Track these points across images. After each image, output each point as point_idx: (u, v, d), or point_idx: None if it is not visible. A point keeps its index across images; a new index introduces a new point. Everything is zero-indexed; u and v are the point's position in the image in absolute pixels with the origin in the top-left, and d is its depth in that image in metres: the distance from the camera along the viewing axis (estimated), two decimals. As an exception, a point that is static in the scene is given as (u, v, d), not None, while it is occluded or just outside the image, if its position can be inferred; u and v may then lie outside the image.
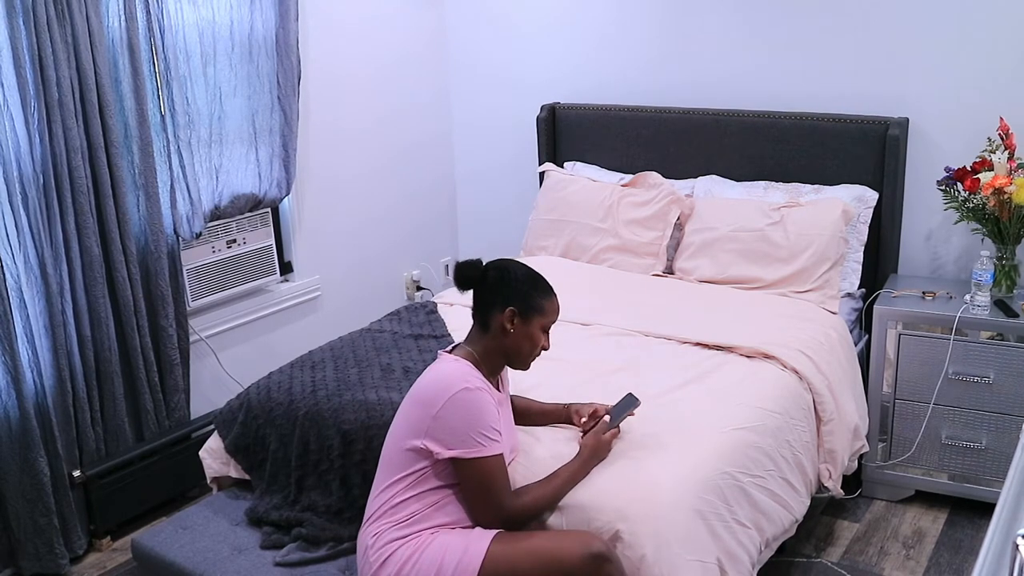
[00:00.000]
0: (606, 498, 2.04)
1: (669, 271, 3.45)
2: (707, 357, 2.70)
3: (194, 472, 2.88)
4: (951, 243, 3.33)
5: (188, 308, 3.26)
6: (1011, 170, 2.92)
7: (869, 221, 3.27)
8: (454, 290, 3.52)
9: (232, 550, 2.38)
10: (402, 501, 1.99)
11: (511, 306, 2.03)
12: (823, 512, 3.02)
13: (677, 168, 3.62)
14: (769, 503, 2.30)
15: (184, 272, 3.23)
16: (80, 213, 2.83)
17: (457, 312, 3.16)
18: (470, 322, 2.15)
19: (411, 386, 2.61)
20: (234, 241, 3.45)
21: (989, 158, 2.97)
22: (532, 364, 2.12)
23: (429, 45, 4.25)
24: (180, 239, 3.19)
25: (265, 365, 3.12)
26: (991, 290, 2.96)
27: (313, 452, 2.47)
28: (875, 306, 3.09)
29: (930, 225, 3.35)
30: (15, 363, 2.69)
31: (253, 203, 3.44)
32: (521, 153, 4.19)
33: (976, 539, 2.88)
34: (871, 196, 3.27)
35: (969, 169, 3.00)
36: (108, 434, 3.04)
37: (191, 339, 3.30)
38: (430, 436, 1.95)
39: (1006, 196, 2.88)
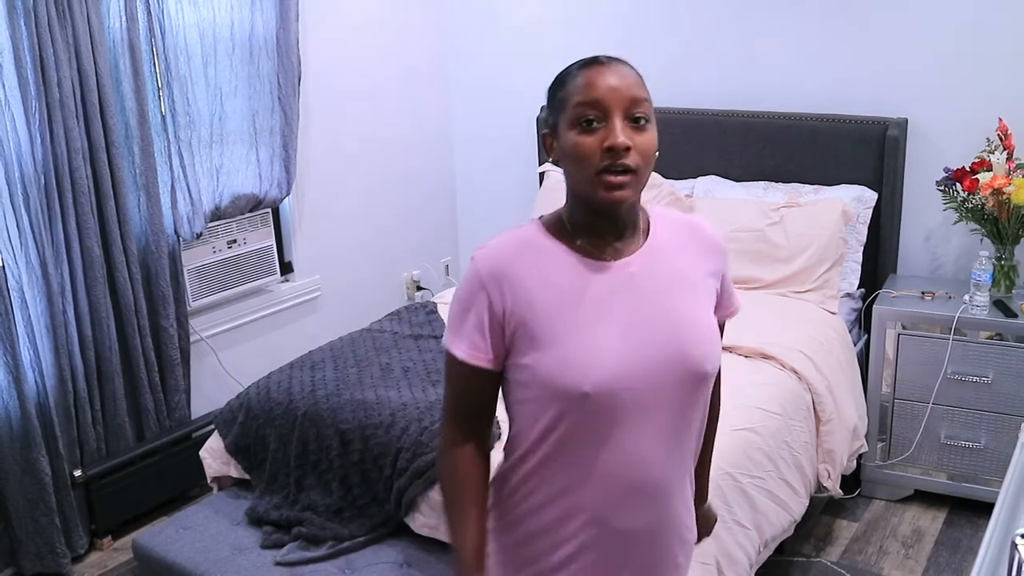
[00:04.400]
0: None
1: (669, 271, 3.45)
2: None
3: (195, 472, 2.88)
4: (950, 243, 3.33)
5: (189, 308, 3.26)
6: (1010, 171, 2.93)
7: (868, 221, 3.27)
8: (454, 290, 3.52)
9: (232, 550, 2.39)
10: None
11: (544, 131, 1.42)
12: (822, 512, 3.03)
13: (677, 168, 3.63)
14: (768, 504, 2.30)
15: (185, 272, 3.23)
16: (81, 213, 2.83)
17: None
18: None
19: (410, 385, 2.64)
20: (234, 241, 3.45)
21: (988, 159, 2.98)
22: (614, 179, 1.29)
23: (429, 45, 4.26)
24: (181, 239, 3.19)
25: (265, 365, 3.12)
26: (990, 290, 2.96)
27: (312, 452, 2.48)
28: (874, 306, 3.09)
29: (929, 225, 3.35)
30: (16, 363, 2.70)
31: (253, 203, 3.44)
32: (521, 153, 4.19)
33: (975, 538, 2.89)
34: (870, 196, 3.27)
35: (968, 169, 3.01)
36: (109, 434, 3.04)
37: (192, 339, 3.30)
38: None
39: (1005, 196, 2.89)
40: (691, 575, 1.98)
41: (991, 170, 2.95)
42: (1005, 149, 2.97)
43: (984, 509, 2.94)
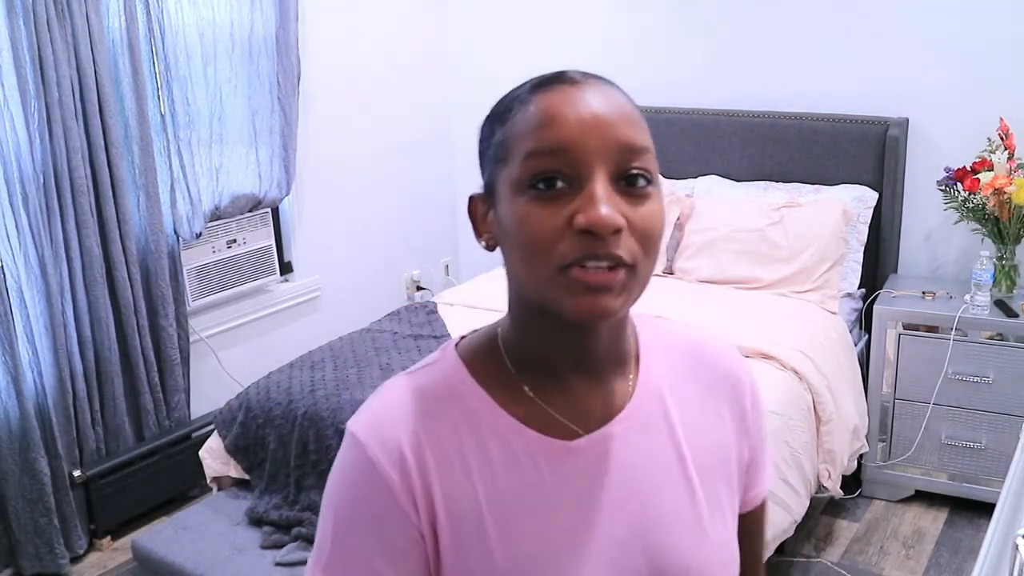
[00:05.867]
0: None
1: (669, 271, 3.45)
2: (707, 357, 2.70)
3: (194, 472, 2.88)
4: (951, 243, 3.33)
5: (188, 308, 3.26)
6: (1011, 170, 2.93)
7: (869, 221, 3.27)
8: (454, 290, 3.53)
9: (232, 550, 2.38)
10: None
11: (473, 195, 0.88)
12: (823, 512, 3.02)
13: (677, 168, 3.62)
14: (769, 504, 2.30)
15: (184, 272, 3.23)
16: (80, 213, 2.83)
17: (457, 312, 3.16)
18: (469, 322, 1.59)
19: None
20: (234, 241, 3.45)
21: (989, 158, 2.98)
22: (594, 278, 0.76)
23: (429, 45, 4.25)
24: (180, 239, 3.19)
25: (265, 365, 3.12)
26: (991, 290, 2.96)
27: (312, 452, 2.48)
28: (875, 306, 3.09)
29: (930, 225, 3.35)
30: (15, 363, 2.70)
31: (253, 203, 3.44)
32: (521, 153, 4.19)
33: (976, 539, 2.88)
34: (871, 196, 3.27)
35: (969, 169, 3.00)
36: (108, 434, 3.04)
37: (191, 339, 3.30)
38: None
39: (1006, 196, 2.88)
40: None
41: (992, 170, 2.94)
42: (1006, 149, 2.96)
43: (985, 509, 2.94)
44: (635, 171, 0.78)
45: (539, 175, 0.77)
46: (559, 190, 0.77)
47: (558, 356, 0.84)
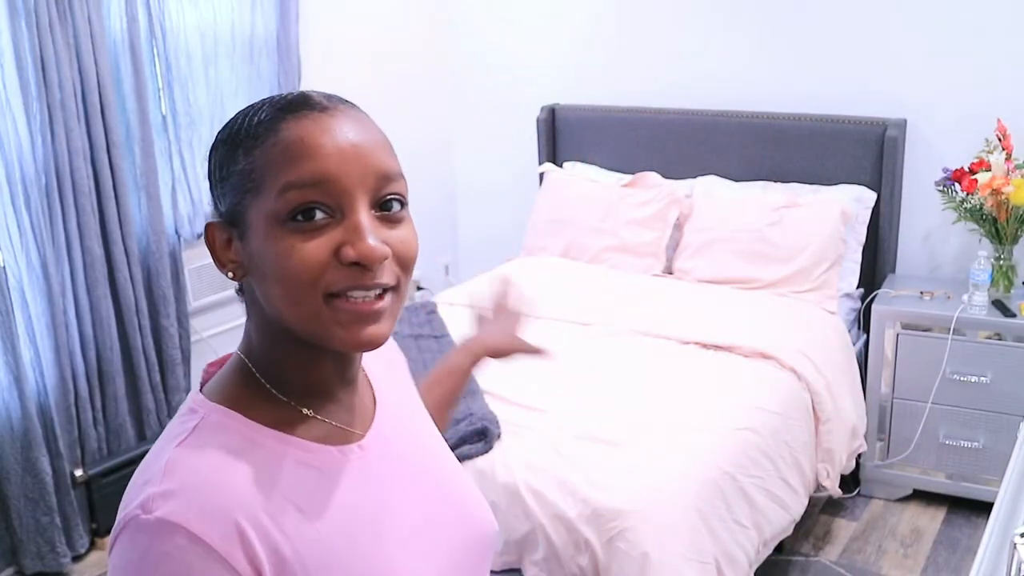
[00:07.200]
0: (609, 496, 2.05)
1: (669, 271, 3.45)
2: (706, 357, 2.71)
3: (196, 471, 2.88)
4: (949, 243, 3.34)
5: (189, 308, 3.27)
6: (1008, 171, 2.94)
7: (867, 221, 3.28)
8: (454, 290, 3.54)
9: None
10: None
11: (211, 223, 0.86)
12: (821, 511, 3.04)
13: (676, 168, 3.63)
14: (768, 503, 2.31)
15: (186, 272, 3.24)
16: (82, 213, 2.84)
17: (457, 312, 3.17)
18: (469, 322, 1.45)
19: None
20: (235, 241, 3.45)
21: (987, 159, 2.99)
22: (365, 307, 0.80)
23: (429, 46, 4.26)
24: (181, 239, 3.20)
25: (266, 365, 3.13)
26: (989, 290, 2.97)
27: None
28: (873, 306, 3.10)
29: (928, 225, 3.36)
30: (17, 363, 2.70)
31: (254, 203, 3.45)
32: (521, 153, 4.20)
33: (974, 538, 2.90)
34: (869, 197, 3.28)
35: (967, 170, 3.02)
36: (110, 433, 3.05)
37: (192, 339, 3.31)
38: None
39: (1003, 196, 2.89)
40: (690, 573, 2.00)
41: (990, 170, 2.95)
42: (1003, 149, 2.97)
43: (983, 509, 2.95)
44: (390, 196, 0.83)
45: (299, 207, 0.77)
46: (319, 221, 0.78)
47: (327, 377, 0.86)
